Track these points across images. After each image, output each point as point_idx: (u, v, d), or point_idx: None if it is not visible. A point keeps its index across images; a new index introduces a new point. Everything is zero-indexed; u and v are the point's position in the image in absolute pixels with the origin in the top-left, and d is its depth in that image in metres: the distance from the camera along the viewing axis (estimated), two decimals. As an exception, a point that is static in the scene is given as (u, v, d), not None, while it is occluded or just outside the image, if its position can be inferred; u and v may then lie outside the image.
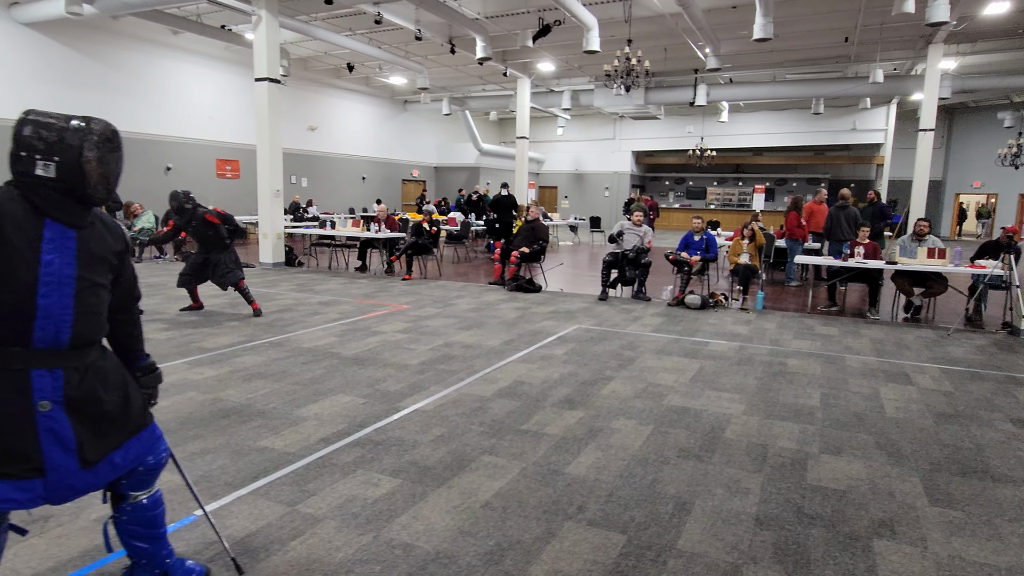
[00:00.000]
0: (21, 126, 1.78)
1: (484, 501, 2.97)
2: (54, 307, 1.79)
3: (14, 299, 1.75)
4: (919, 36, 15.28)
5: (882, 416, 4.35)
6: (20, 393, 1.77)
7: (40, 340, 1.79)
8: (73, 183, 1.79)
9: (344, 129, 21.60)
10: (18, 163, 1.77)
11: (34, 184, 1.78)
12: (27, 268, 1.75)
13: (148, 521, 2.11)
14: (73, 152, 1.78)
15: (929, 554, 2.65)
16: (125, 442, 1.99)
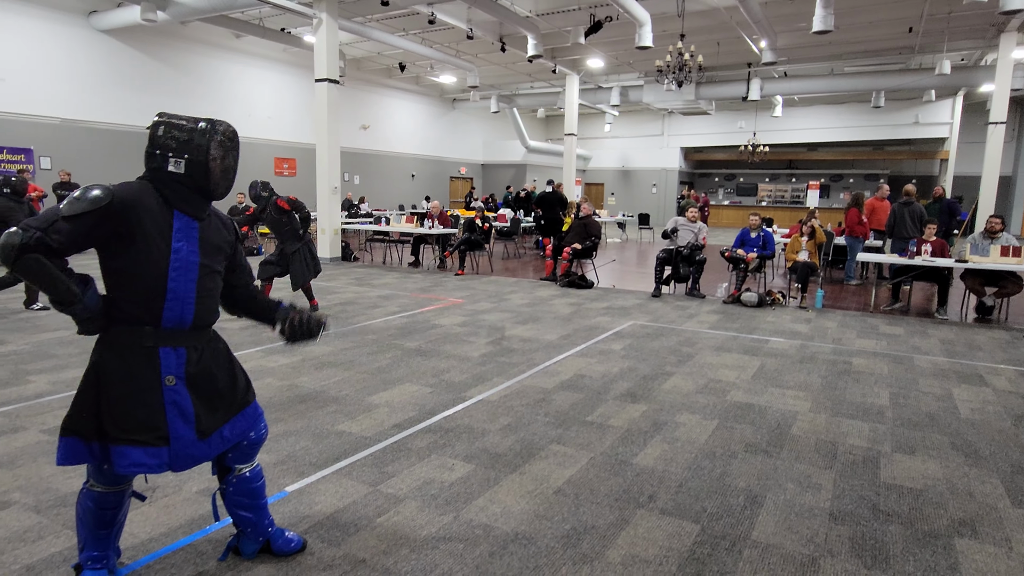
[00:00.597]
0: (156, 127, 1.99)
1: (556, 488, 3.04)
2: (181, 290, 2.00)
3: (149, 283, 1.96)
4: (990, 25, 14.64)
5: (956, 417, 4.24)
6: (150, 368, 1.98)
7: (168, 320, 2.00)
8: (199, 178, 2.01)
9: (395, 127, 21.97)
10: (152, 160, 1.99)
11: (166, 179, 1.99)
12: (160, 255, 1.96)
13: (251, 492, 2.29)
14: (201, 151, 1.98)
15: (1015, 555, 2.60)
16: (233, 417, 2.18)
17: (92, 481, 2.07)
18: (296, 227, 6.98)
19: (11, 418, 3.77)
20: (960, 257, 7.64)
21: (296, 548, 2.41)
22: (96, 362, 1.99)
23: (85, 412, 1.96)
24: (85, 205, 1.85)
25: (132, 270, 1.95)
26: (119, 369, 1.96)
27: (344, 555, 2.43)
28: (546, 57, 17.52)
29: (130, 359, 1.97)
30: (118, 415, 1.94)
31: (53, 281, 1.85)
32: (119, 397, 1.95)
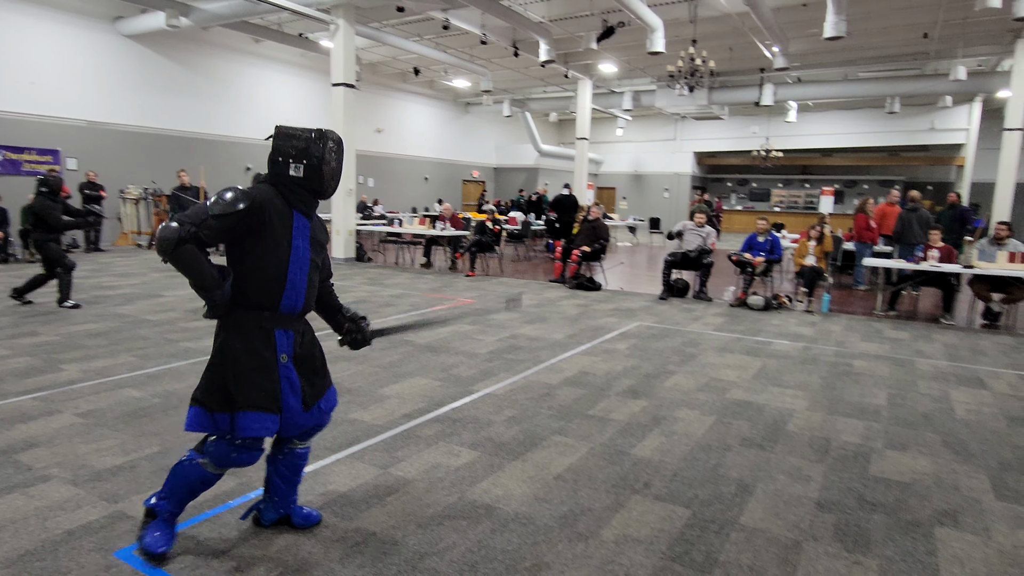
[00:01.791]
0: (276, 138, 2.33)
1: (556, 474, 3.20)
2: (297, 281, 2.34)
3: (272, 274, 2.28)
4: (1007, 31, 14.60)
5: (951, 417, 4.35)
6: (268, 347, 2.30)
7: (284, 307, 2.33)
8: (315, 180, 2.34)
9: (408, 131, 22.26)
10: (276, 166, 2.32)
11: (288, 182, 2.32)
12: (283, 250, 2.29)
13: (296, 468, 2.57)
14: (316, 156, 2.31)
15: (992, 543, 2.73)
16: (324, 393, 2.51)
17: (208, 461, 2.33)
18: None
19: (47, 402, 4.00)
20: (967, 263, 7.71)
21: (315, 521, 2.63)
22: (223, 342, 2.30)
23: (213, 386, 2.28)
24: (232, 206, 2.17)
25: (259, 263, 2.26)
26: (243, 347, 2.27)
27: (356, 528, 2.62)
28: (559, 62, 17.70)
29: (252, 339, 2.28)
30: (244, 386, 2.25)
31: (202, 270, 2.16)
32: (245, 371, 2.25)
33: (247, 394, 2.24)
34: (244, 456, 2.30)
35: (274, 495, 2.56)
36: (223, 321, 2.32)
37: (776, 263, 8.90)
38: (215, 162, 15.22)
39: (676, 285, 9.02)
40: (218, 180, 14.52)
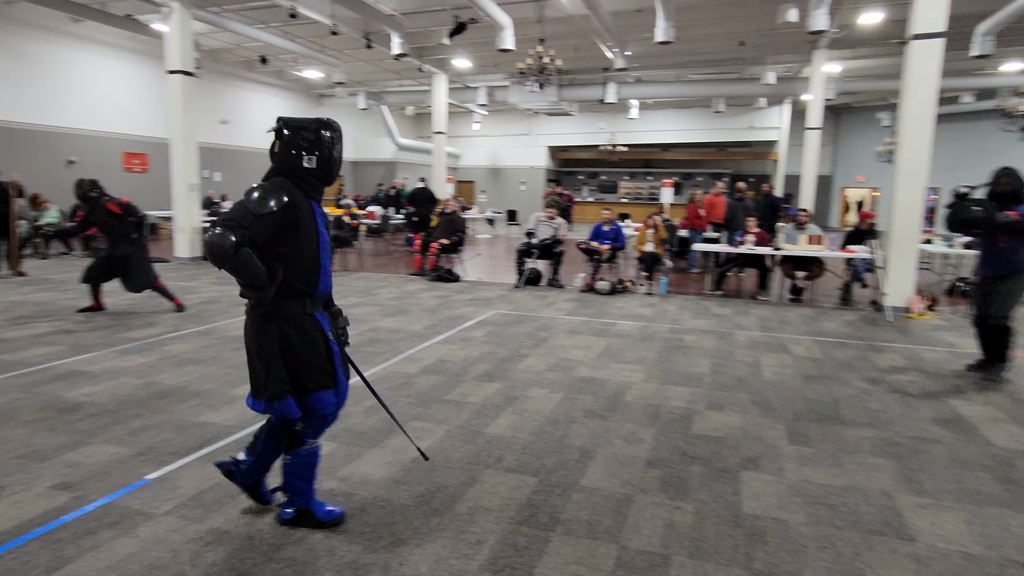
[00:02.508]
0: (288, 131, 2.44)
1: (414, 457, 3.34)
2: (327, 264, 2.52)
3: (309, 261, 2.43)
4: (806, 42, 16.65)
5: (760, 379, 5.03)
6: (317, 330, 2.48)
7: (320, 291, 2.51)
8: (325, 170, 2.48)
9: (258, 123, 21.08)
10: (290, 159, 2.43)
11: (302, 173, 2.44)
12: (313, 237, 2.45)
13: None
14: (326, 147, 2.46)
15: (784, 480, 3.25)
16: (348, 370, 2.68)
17: (313, 440, 2.56)
18: (128, 231, 6.66)
19: None
20: (776, 246, 8.82)
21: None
22: (279, 333, 2.40)
23: (283, 376, 2.40)
24: (270, 203, 2.29)
25: (297, 252, 2.39)
26: (298, 334, 2.42)
27: (208, 529, 2.58)
28: (413, 56, 17.64)
29: (302, 324, 2.44)
30: (308, 370, 2.44)
31: (257, 269, 2.26)
32: (305, 357, 2.43)
33: (313, 376, 2.46)
34: (332, 420, 2.63)
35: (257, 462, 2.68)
36: (268, 315, 2.40)
37: (620, 250, 9.60)
38: (30, 155, 13.53)
39: (530, 275, 9.45)
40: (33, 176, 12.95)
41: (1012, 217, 4.71)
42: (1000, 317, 4.95)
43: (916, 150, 7.71)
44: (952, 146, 24.40)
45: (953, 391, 4.80)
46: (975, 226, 4.82)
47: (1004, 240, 4.85)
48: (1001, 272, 4.93)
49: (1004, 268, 4.91)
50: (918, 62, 7.64)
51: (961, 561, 2.54)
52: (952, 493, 3.13)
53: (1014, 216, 4.71)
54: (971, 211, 4.76)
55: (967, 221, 4.83)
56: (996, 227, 4.76)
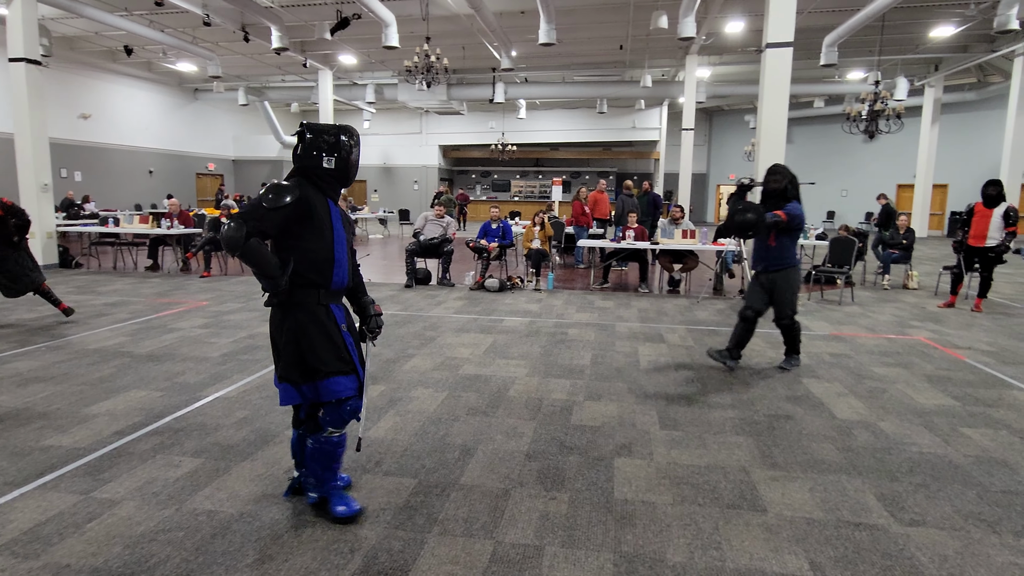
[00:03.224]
0: (311, 134, 2.61)
1: (288, 468, 3.21)
2: (341, 258, 2.67)
3: (323, 254, 2.60)
4: (678, 47, 17.61)
5: (636, 368, 5.26)
6: (331, 320, 2.64)
7: (335, 283, 2.66)
8: (343, 171, 2.66)
9: (125, 118, 19.52)
10: (310, 159, 2.60)
11: (321, 173, 2.62)
12: (327, 232, 2.61)
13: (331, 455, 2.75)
14: (345, 150, 2.64)
15: (653, 463, 3.42)
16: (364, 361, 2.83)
17: (330, 429, 2.67)
18: (9, 234, 6.17)
19: None
20: (654, 240, 9.26)
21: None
22: (293, 321, 2.57)
23: (291, 361, 2.57)
24: (282, 199, 2.46)
25: (311, 245, 2.57)
26: (311, 323, 2.58)
27: (44, 565, 2.35)
28: (295, 50, 16.98)
29: (316, 314, 2.60)
30: (324, 356, 2.58)
31: (268, 259, 2.48)
32: (319, 343, 2.57)
33: (329, 363, 2.58)
34: (355, 405, 2.69)
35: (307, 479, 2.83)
36: (282, 304, 2.58)
37: (509, 247, 9.73)
38: None
39: (419, 274, 9.37)
40: None
41: (778, 217, 4.86)
42: (786, 317, 5.12)
43: (773, 148, 8.37)
44: (808, 146, 26.72)
45: (804, 370, 5.25)
46: (748, 229, 4.82)
47: (773, 239, 5.01)
48: (773, 267, 5.07)
49: (776, 263, 5.06)
50: (772, 68, 8.28)
51: (805, 526, 2.79)
52: (800, 464, 3.42)
53: (781, 216, 4.86)
54: (744, 217, 4.76)
55: (740, 226, 4.81)
56: (766, 228, 4.88)
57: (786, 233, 4.99)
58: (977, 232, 7.87)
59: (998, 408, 4.38)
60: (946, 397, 4.60)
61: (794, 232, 5.02)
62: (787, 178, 4.99)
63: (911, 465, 3.43)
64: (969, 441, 3.78)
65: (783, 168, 5.06)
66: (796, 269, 5.13)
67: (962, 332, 6.75)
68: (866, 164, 25.19)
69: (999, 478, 3.28)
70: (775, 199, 5.00)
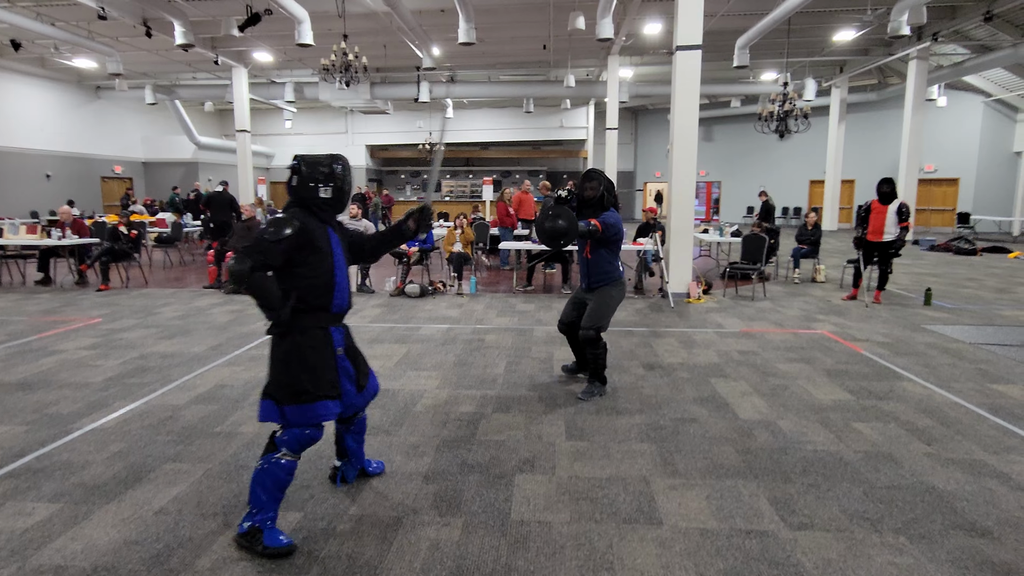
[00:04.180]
0: (303, 167, 2.73)
1: (158, 508, 2.96)
2: (342, 282, 2.82)
3: (325, 279, 2.73)
4: (600, 48, 17.80)
5: (549, 374, 5.21)
6: (327, 344, 2.76)
7: (335, 307, 2.80)
8: (338, 199, 2.80)
9: (15, 118, 18.09)
10: (307, 190, 2.73)
11: (319, 203, 2.76)
12: (328, 258, 2.75)
13: (362, 430, 3.19)
14: (339, 179, 2.78)
15: (555, 478, 3.34)
16: (368, 373, 3.05)
17: (285, 451, 2.66)
18: None
19: None
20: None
21: (382, 470, 3.35)
22: (291, 344, 2.66)
23: (282, 382, 2.66)
24: (283, 232, 2.57)
25: (312, 272, 2.69)
26: (309, 346, 2.69)
27: None
28: (204, 47, 16.18)
29: (314, 338, 2.71)
30: (315, 379, 2.67)
31: (271, 292, 2.60)
32: (313, 366, 2.68)
33: (319, 386, 2.68)
34: (314, 434, 2.71)
35: (351, 457, 3.21)
36: (291, 330, 2.67)
37: (429, 252, 9.53)
38: None
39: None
40: None
41: (593, 225, 4.46)
42: (591, 328, 4.56)
43: (685, 148, 8.51)
44: (728, 144, 27.66)
45: (713, 369, 5.33)
46: (559, 237, 4.34)
47: (589, 251, 4.67)
48: (594, 284, 4.70)
49: (598, 279, 4.69)
50: (682, 70, 8.41)
51: (698, 538, 2.76)
52: (699, 471, 3.42)
53: (595, 224, 4.47)
54: (555, 224, 4.31)
55: (550, 233, 4.35)
56: (580, 237, 4.48)
57: (604, 245, 4.62)
58: (874, 227, 8.25)
59: (888, 400, 4.55)
60: (842, 391, 4.75)
61: (612, 244, 4.65)
62: (603, 184, 4.64)
63: (805, 465, 3.49)
64: (860, 436, 3.89)
65: (600, 174, 4.70)
66: (619, 283, 4.74)
67: (861, 324, 7.05)
68: (782, 161, 26.27)
69: (885, 473, 3.38)
70: (592, 208, 4.65)
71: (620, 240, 4.71)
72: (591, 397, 4.62)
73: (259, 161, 27.42)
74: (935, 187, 22.34)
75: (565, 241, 4.37)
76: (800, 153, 25.53)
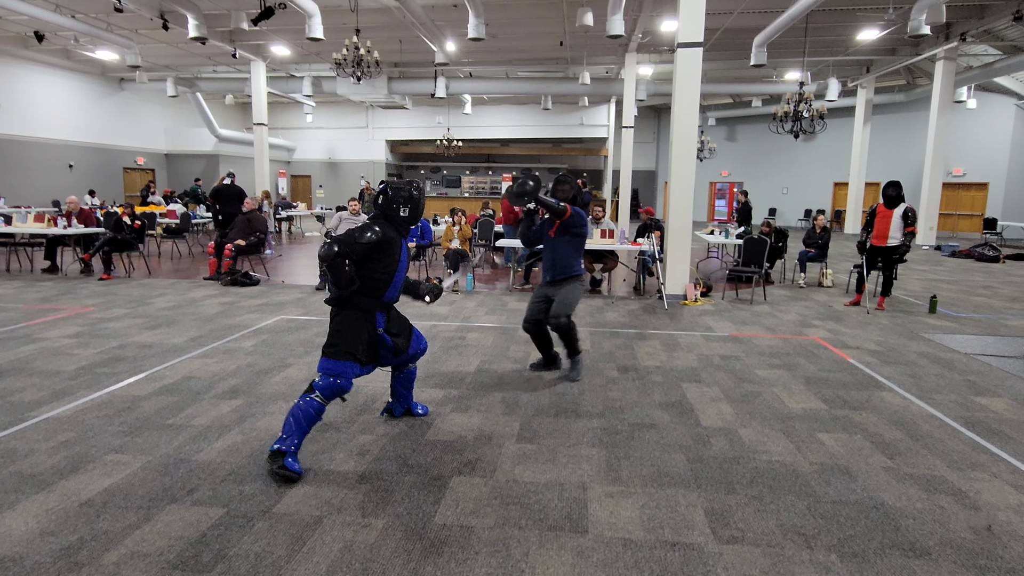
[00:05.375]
0: (389, 190, 3.56)
1: (85, 499, 2.96)
2: (398, 281, 3.58)
3: (386, 278, 3.48)
4: (618, 44, 17.58)
5: (520, 375, 5.13)
6: (370, 322, 3.51)
7: (386, 298, 3.55)
8: (414, 216, 3.61)
9: (40, 109, 18.56)
10: (390, 209, 3.54)
11: (398, 219, 3.56)
12: (394, 263, 3.51)
13: (410, 380, 4.03)
14: (416, 203, 3.59)
15: (491, 481, 3.27)
16: (411, 339, 3.84)
17: (318, 394, 3.28)
18: None
19: None
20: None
21: (425, 412, 4.19)
22: (343, 315, 3.43)
23: (328, 341, 3.40)
24: (366, 236, 3.33)
25: (378, 268, 3.43)
26: (354, 320, 3.43)
27: None
28: (223, 40, 16.40)
29: (360, 315, 3.45)
30: (349, 341, 3.38)
31: (344, 275, 3.28)
32: (351, 333, 3.39)
33: (356, 351, 3.38)
34: (344, 385, 3.36)
35: (399, 399, 4.06)
36: (346, 305, 3.43)
37: (427, 247, 9.51)
38: None
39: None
40: None
41: (562, 205, 4.78)
42: (559, 316, 4.86)
43: (685, 147, 8.34)
44: (751, 144, 27.16)
45: (688, 374, 5.20)
46: (526, 195, 4.72)
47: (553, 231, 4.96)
48: (558, 276, 5.03)
49: (561, 272, 5.01)
50: (683, 68, 8.24)
51: (620, 548, 2.67)
52: (642, 478, 3.32)
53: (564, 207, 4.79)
54: (524, 184, 4.70)
55: (518, 191, 4.73)
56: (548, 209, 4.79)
57: (568, 232, 4.92)
58: (879, 232, 8.00)
59: (861, 411, 4.38)
60: (816, 400, 4.60)
61: (576, 239, 4.98)
62: (575, 189, 5.05)
63: (754, 476, 3.37)
64: (821, 447, 3.75)
65: (571, 178, 5.15)
66: (580, 279, 5.07)
67: (857, 331, 6.83)
68: (805, 163, 25.73)
69: (835, 487, 3.25)
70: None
71: (584, 236, 5.06)
72: (579, 375, 5.05)
73: (280, 154, 27.77)
74: (963, 191, 21.67)
75: (529, 198, 4.76)
76: (824, 154, 24.98)
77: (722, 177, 28.12)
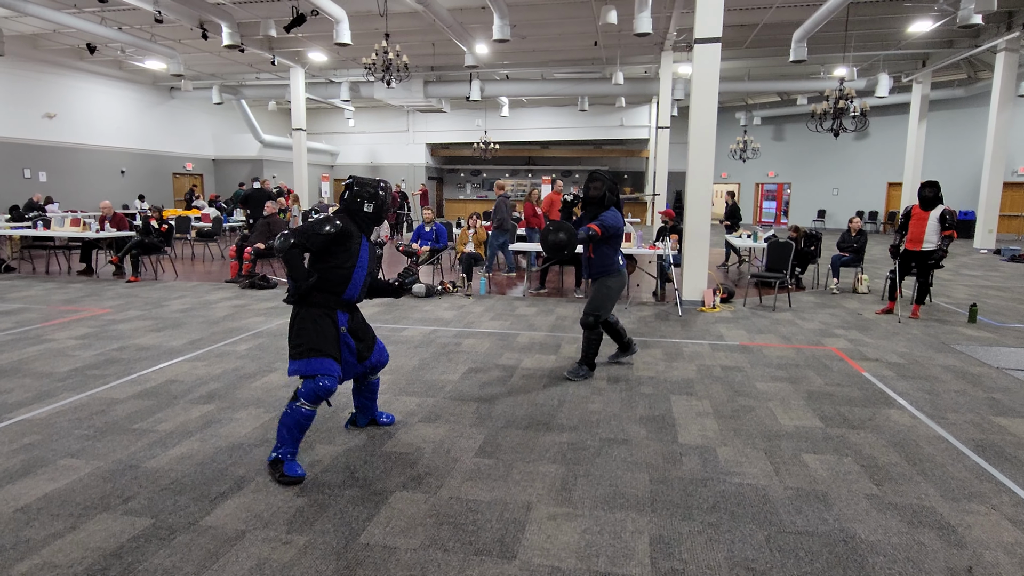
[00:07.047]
0: (355, 185, 3.53)
1: (22, 505, 2.97)
2: (358, 280, 3.49)
3: (343, 274, 3.41)
4: (654, 44, 17.19)
5: (504, 384, 4.96)
6: (333, 323, 3.41)
7: (346, 296, 3.46)
8: (377, 215, 3.56)
9: (94, 117, 19.45)
10: (354, 203, 3.50)
11: (362, 216, 3.52)
12: (353, 259, 3.44)
13: (372, 391, 3.92)
14: (380, 199, 3.54)
15: (433, 498, 3.12)
16: (374, 347, 3.76)
17: (303, 401, 3.24)
18: None
19: None
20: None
21: (391, 422, 4.08)
22: (303, 312, 3.36)
23: (293, 342, 3.32)
24: (324, 228, 3.30)
25: (335, 264, 3.38)
26: (315, 316, 3.36)
27: None
28: (261, 48, 16.82)
29: (324, 314, 3.39)
30: (322, 342, 3.32)
31: (300, 268, 3.29)
32: (320, 333, 3.33)
33: (324, 348, 3.31)
34: (327, 385, 3.27)
35: (363, 410, 3.97)
36: (304, 302, 3.36)
37: (441, 251, 9.45)
38: None
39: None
40: None
41: (592, 231, 4.88)
42: (590, 316, 5.04)
43: (702, 147, 8.00)
44: (799, 144, 26.15)
45: (681, 385, 4.93)
46: (562, 249, 4.79)
47: (592, 251, 5.10)
48: (594, 274, 5.16)
49: (599, 271, 5.13)
50: (700, 64, 7.92)
51: (545, 578, 2.49)
52: (594, 500, 3.12)
53: (595, 230, 4.88)
54: (556, 237, 4.76)
55: (553, 247, 4.80)
56: (581, 243, 4.92)
57: (604, 243, 5.05)
58: (914, 236, 7.50)
59: (860, 430, 4.04)
60: (813, 417, 4.27)
61: (612, 240, 5.06)
62: (607, 184, 5.09)
63: (717, 500, 3.12)
64: (803, 470, 3.46)
65: (604, 174, 5.18)
66: (618, 275, 5.15)
67: (881, 342, 6.38)
68: (857, 162, 24.62)
69: (805, 516, 2.97)
70: (594, 206, 5.11)
71: (620, 236, 5.11)
72: (577, 378, 5.06)
73: (323, 159, 28.34)
74: (1029, 191, 20.28)
75: (568, 251, 4.83)
76: (877, 153, 23.84)
77: (769, 178, 27.18)
